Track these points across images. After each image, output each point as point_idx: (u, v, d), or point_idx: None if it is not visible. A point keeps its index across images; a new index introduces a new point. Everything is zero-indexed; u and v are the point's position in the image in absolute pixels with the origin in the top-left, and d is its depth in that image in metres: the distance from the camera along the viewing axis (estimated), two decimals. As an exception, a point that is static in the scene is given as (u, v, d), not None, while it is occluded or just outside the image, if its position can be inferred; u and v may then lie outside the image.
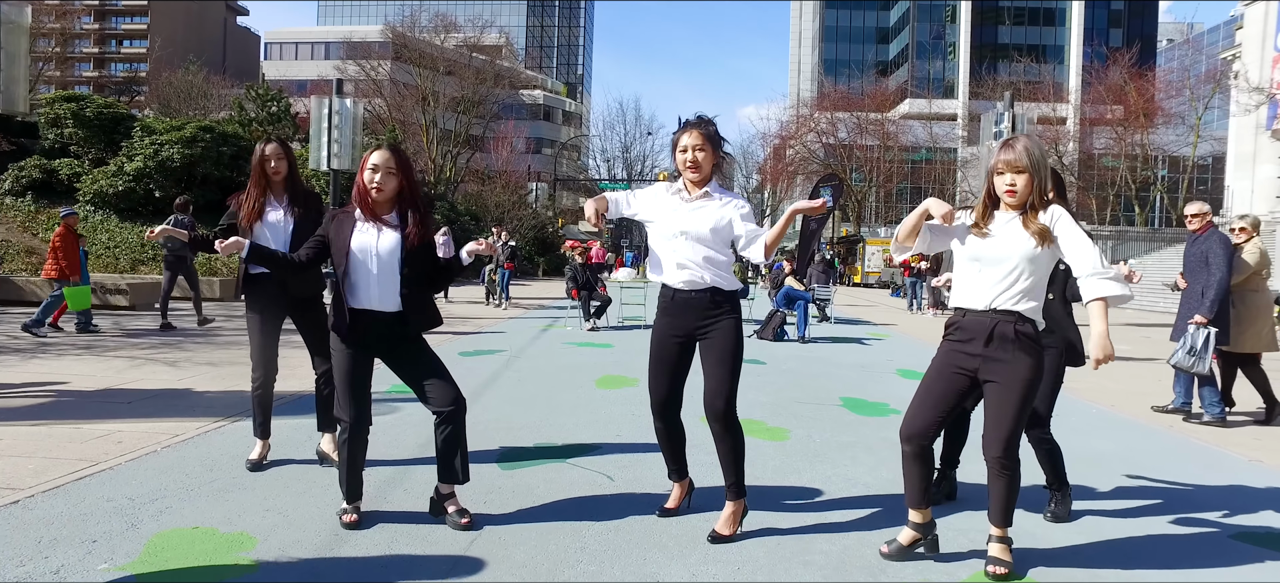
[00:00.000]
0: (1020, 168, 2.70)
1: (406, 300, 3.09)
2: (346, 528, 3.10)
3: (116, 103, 26.88)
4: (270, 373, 3.92)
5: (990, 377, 2.76)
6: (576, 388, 6.57)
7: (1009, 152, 2.74)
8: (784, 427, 5.15)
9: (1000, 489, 2.82)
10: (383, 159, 3.11)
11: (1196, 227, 6.19)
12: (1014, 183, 2.70)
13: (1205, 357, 5.77)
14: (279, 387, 4.05)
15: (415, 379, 3.17)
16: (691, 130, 3.09)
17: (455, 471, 3.16)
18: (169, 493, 3.46)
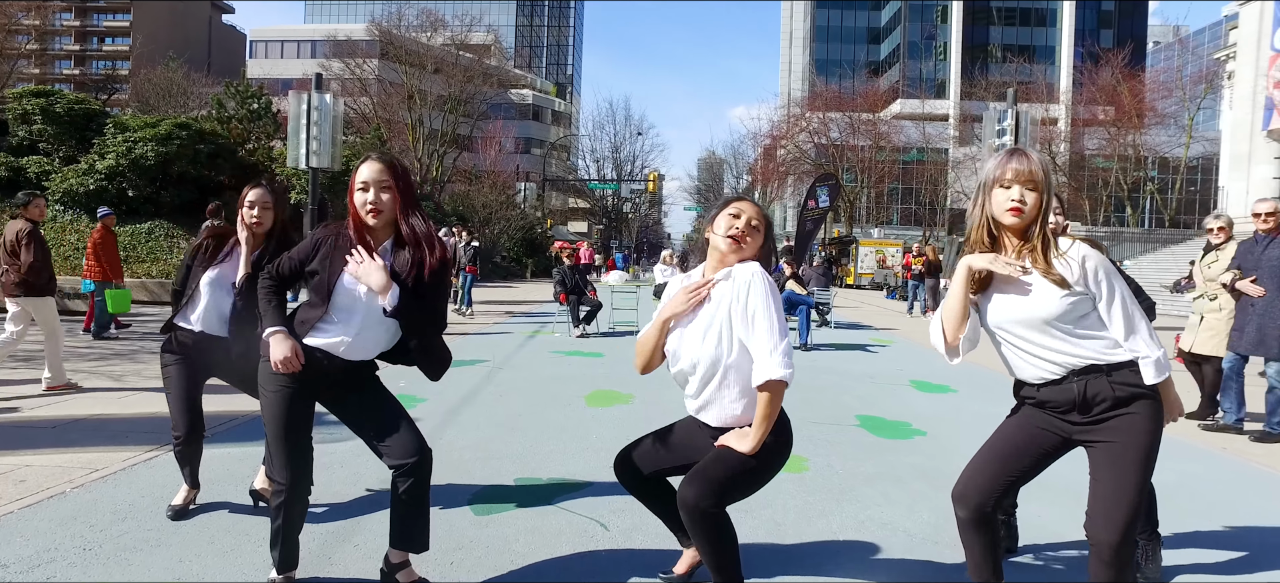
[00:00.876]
0: (1034, 183, 2.12)
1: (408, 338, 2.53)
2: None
3: (88, 99, 26.00)
4: (197, 428, 3.26)
5: (1097, 438, 2.15)
6: (564, 406, 5.94)
7: (1022, 162, 2.16)
8: (802, 455, 4.53)
9: (1098, 575, 2.13)
10: (374, 173, 2.42)
11: (1271, 227, 5.56)
12: (1023, 199, 2.12)
13: None
14: (240, 405, 3.41)
15: (371, 429, 2.51)
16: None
17: (413, 537, 2.51)
18: (62, 553, 2.81)
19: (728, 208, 2.42)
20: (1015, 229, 2.17)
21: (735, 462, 2.27)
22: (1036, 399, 2.20)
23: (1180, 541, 3.36)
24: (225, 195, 22.32)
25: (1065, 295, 2.08)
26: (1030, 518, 3.39)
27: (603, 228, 59.78)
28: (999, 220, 2.17)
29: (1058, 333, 2.11)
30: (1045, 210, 2.15)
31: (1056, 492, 3.91)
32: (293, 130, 18.72)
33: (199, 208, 21.71)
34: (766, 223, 2.45)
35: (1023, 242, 2.16)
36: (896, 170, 51.07)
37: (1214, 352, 5.93)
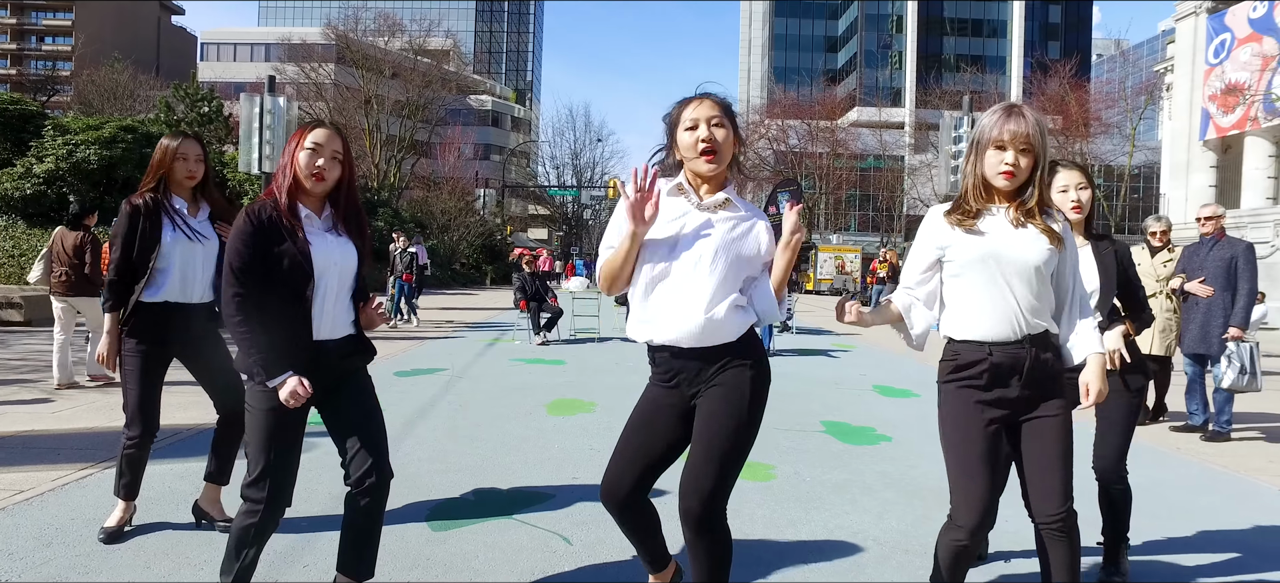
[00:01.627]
0: (1030, 145, 2.04)
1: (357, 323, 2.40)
2: None
3: (25, 99, 24.99)
4: (151, 429, 3.05)
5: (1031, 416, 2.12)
6: (525, 416, 5.79)
7: (1018, 122, 2.04)
8: (768, 462, 4.47)
9: (1064, 557, 2.10)
10: (327, 139, 2.30)
11: (1212, 230, 5.74)
12: (1017, 162, 2.04)
13: (1258, 372, 5.34)
14: (179, 418, 3.20)
15: (352, 435, 2.33)
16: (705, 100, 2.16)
17: (367, 562, 2.37)
18: (-22, 583, 2.60)
19: (683, 118, 2.12)
20: (1006, 192, 2.10)
21: (729, 428, 2.03)
22: (980, 369, 2.08)
23: (1145, 547, 3.37)
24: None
25: (1052, 250, 2.06)
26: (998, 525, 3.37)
27: (563, 235, 59.52)
28: (991, 182, 2.09)
29: (1036, 286, 2.06)
30: (1041, 171, 2.08)
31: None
32: (245, 134, 18.22)
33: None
34: (729, 112, 2.16)
35: (1015, 201, 2.09)
36: (854, 177, 51.82)
37: (1166, 351, 6.04)
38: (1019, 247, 2.06)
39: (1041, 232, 2.06)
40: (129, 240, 2.94)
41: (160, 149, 3.08)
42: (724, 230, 2.08)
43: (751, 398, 2.06)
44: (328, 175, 2.28)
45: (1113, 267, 2.81)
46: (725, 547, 2.08)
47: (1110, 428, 2.85)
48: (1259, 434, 5.95)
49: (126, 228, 2.94)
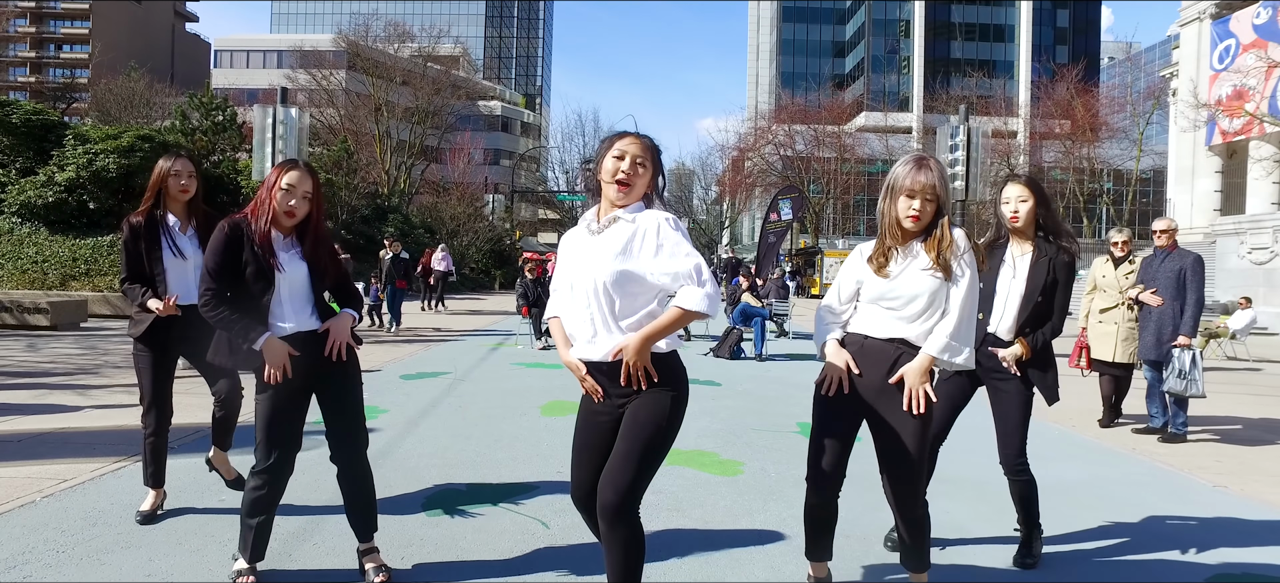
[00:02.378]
0: (934, 195, 2.47)
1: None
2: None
3: (47, 109, 25.65)
4: (166, 417, 3.52)
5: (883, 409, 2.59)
6: (520, 416, 6.21)
7: (925, 174, 2.48)
8: (738, 459, 4.86)
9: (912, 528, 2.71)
10: (298, 180, 2.74)
11: (1165, 243, 6.09)
12: (923, 209, 2.48)
13: (1197, 378, 5.69)
14: (201, 417, 3.63)
15: (337, 421, 2.82)
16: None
17: (368, 523, 2.93)
18: (37, 555, 3.02)
19: (611, 149, 2.31)
20: (913, 232, 2.53)
21: (646, 433, 2.23)
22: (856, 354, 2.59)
23: (1084, 535, 3.74)
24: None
25: (939, 282, 2.50)
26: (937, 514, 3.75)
27: (572, 239, 59.90)
28: (901, 223, 2.53)
29: (913, 313, 2.55)
30: (941, 212, 2.50)
31: (962, 485, 4.29)
32: (258, 143, 18.71)
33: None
34: (655, 154, 2.35)
35: (925, 240, 2.54)
36: (862, 181, 52.08)
37: (1130, 359, 6.39)
38: (902, 287, 2.54)
39: (936, 266, 2.48)
40: (133, 253, 3.41)
41: (156, 169, 3.52)
42: (610, 255, 2.23)
43: (670, 410, 2.27)
44: (298, 213, 2.74)
45: (1041, 277, 3.19)
46: (636, 540, 2.25)
47: (1007, 426, 3.22)
48: (1215, 437, 6.28)
49: (128, 243, 3.40)
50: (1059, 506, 4.08)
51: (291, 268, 2.75)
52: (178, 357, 3.57)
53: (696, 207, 74.74)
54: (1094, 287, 6.64)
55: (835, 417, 2.61)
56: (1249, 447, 5.96)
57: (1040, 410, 7.20)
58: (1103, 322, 6.46)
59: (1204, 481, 4.84)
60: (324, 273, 2.83)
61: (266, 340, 2.62)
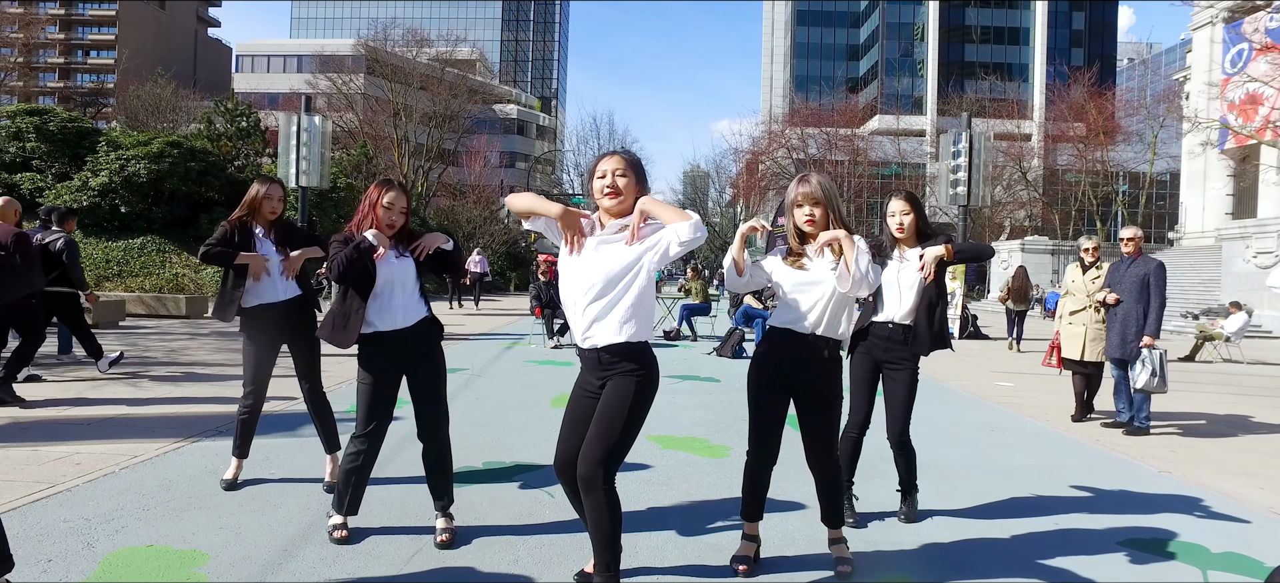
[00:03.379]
0: (817, 200, 3.03)
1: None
2: (337, 543, 3.33)
3: (81, 117, 26.59)
4: (261, 398, 4.11)
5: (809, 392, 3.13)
6: (532, 407, 6.78)
7: (807, 185, 3.06)
8: (726, 445, 5.39)
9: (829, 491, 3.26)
10: (395, 198, 3.38)
11: (1131, 250, 6.56)
12: (813, 213, 3.03)
13: (1166, 376, 6.16)
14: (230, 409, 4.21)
15: (418, 402, 3.42)
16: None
17: (444, 492, 3.54)
18: (125, 513, 3.62)
19: (594, 174, 2.76)
20: (813, 235, 3.06)
21: (612, 413, 2.62)
22: (783, 344, 3.10)
23: (1022, 510, 4.24)
24: (215, 211, 23.00)
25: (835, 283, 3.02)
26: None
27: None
28: (801, 229, 3.08)
29: (838, 303, 3.07)
30: (834, 216, 3.02)
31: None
32: (283, 150, 19.47)
33: (189, 223, 22.47)
34: (632, 165, 2.74)
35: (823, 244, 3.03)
36: (875, 184, 52.38)
37: (1098, 358, 6.86)
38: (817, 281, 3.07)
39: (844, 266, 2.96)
40: (225, 239, 3.97)
41: (253, 190, 4.12)
42: (606, 255, 2.65)
43: (635, 393, 2.64)
44: (397, 225, 3.36)
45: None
46: (612, 506, 2.61)
47: (895, 406, 3.75)
48: (1179, 431, 6.73)
49: (226, 236, 3.99)
50: (1014, 488, 4.59)
51: (401, 268, 3.34)
52: (280, 346, 4.15)
53: (711, 209, 75.27)
54: (1065, 291, 7.11)
55: (769, 402, 3.14)
56: (1206, 439, 6.41)
57: (1017, 404, 7.68)
58: (1072, 323, 6.93)
59: (1151, 467, 5.31)
60: (423, 270, 3.46)
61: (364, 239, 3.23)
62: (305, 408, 4.26)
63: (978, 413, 7.27)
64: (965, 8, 68.88)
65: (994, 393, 8.49)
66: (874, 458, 4.59)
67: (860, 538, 3.63)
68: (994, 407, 7.66)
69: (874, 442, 4.01)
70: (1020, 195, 47.96)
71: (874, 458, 4.59)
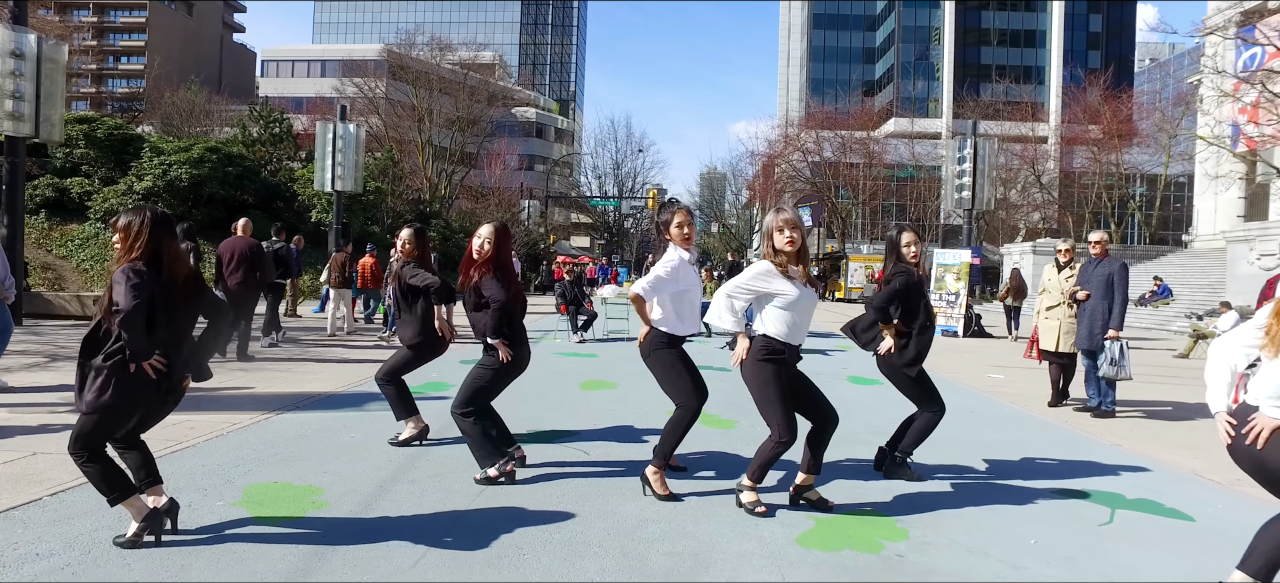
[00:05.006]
0: (797, 227, 3.87)
1: None
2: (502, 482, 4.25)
3: (125, 124, 27.84)
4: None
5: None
6: (564, 390, 7.64)
7: (788, 214, 3.91)
8: (732, 419, 6.22)
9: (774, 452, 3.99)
10: (489, 233, 4.36)
11: (1098, 252, 7.32)
12: (793, 236, 3.83)
13: (1125, 364, 6.92)
14: (300, 388, 5.10)
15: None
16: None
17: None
18: (246, 461, 4.51)
19: (674, 220, 4.24)
20: (792, 257, 3.86)
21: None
22: (789, 357, 3.89)
23: (987, 468, 5.04)
24: (250, 214, 24.11)
25: (815, 294, 3.89)
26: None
27: (604, 242, 61.57)
28: (782, 251, 3.84)
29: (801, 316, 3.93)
30: (803, 244, 3.88)
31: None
32: (319, 155, 20.51)
33: (225, 226, 23.52)
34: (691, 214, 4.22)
35: (797, 263, 3.88)
36: (889, 188, 52.88)
37: (1071, 349, 7.61)
38: (808, 293, 3.90)
39: (809, 284, 3.88)
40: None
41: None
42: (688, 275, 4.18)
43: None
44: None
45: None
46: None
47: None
48: (1143, 415, 7.47)
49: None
50: (974, 456, 5.39)
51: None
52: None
53: (727, 211, 75.97)
54: (1043, 289, 7.87)
55: (784, 392, 3.90)
56: (1166, 421, 7.15)
57: (1001, 392, 8.44)
58: (1048, 318, 7.69)
59: (1106, 442, 6.09)
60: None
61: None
62: (373, 386, 5.17)
63: (962, 398, 8.04)
64: (981, 11, 69.12)
65: (983, 383, 9.26)
66: (863, 432, 5.39)
67: (848, 488, 4.44)
68: (980, 394, 8.43)
69: (861, 420, 4.81)
70: (1034, 198, 48.27)
71: (863, 432, 5.39)
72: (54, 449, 4.60)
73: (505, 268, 4.29)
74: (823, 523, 3.84)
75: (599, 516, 3.80)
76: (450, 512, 3.79)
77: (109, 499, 3.13)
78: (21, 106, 11.72)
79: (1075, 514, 4.10)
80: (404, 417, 5.09)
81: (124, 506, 3.16)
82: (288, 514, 3.65)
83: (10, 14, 12.25)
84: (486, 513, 3.79)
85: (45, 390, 6.66)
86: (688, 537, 3.55)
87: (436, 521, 3.66)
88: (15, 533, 3.29)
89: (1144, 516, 4.12)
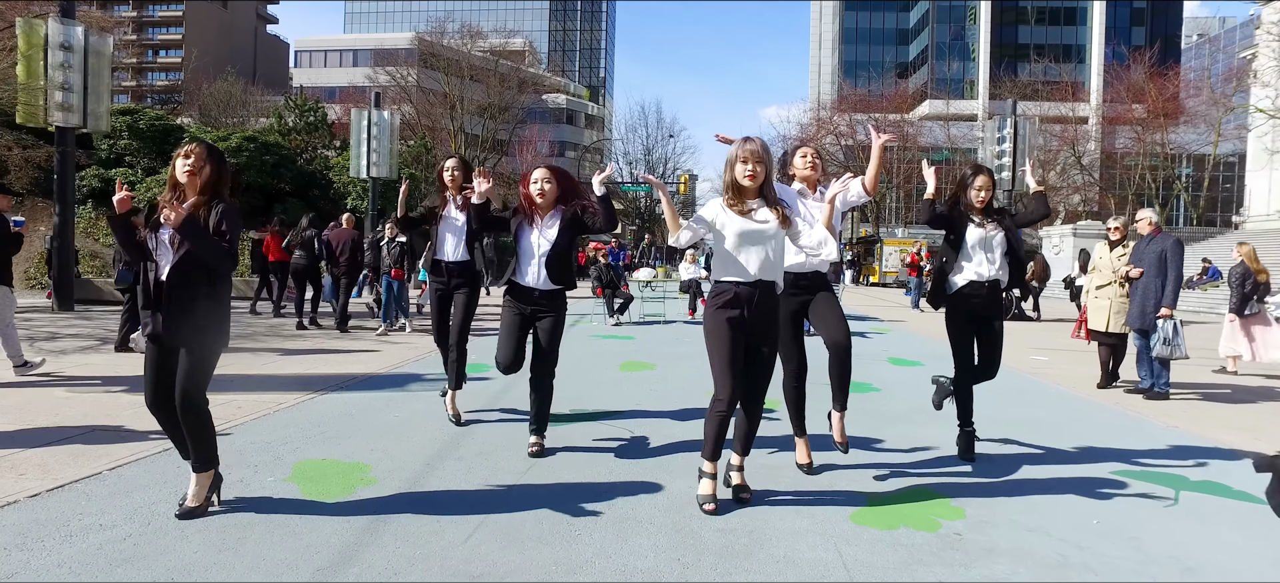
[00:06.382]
0: (759, 157, 3.43)
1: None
2: (532, 457, 4.31)
3: (166, 115, 28.43)
4: (445, 342, 5.29)
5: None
6: (603, 371, 7.62)
7: (751, 144, 3.45)
8: (774, 400, 6.14)
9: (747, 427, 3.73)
10: (544, 174, 4.39)
11: (1147, 230, 7.11)
12: (755, 169, 3.41)
13: (1180, 343, 6.72)
14: (347, 369, 5.13)
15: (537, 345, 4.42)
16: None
17: (540, 421, 4.50)
18: (295, 439, 4.56)
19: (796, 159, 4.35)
20: (751, 191, 3.47)
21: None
22: (747, 299, 3.48)
23: (1035, 446, 4.92)
24: (286, 202, 24.49)
25: (779, 228, 3.49)
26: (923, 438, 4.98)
27: (635, 228, 61.50)
28: (741, 184, 3.45)
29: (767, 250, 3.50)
30: (768, 175, 3.47)
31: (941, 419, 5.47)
32: (354, 142, 20.72)
33: (263, 213, 23.96)
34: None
35: (760, 197, 3.50)
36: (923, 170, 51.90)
37: (1121, 329, 7.40)
38: (755, 226, 3.46)
39: (775, 216, 3.48)
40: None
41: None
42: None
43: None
44: (546, 196, 4.36)
45: None
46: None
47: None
48: (1196, 396, 7.24)
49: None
50: (1021, 433, 5.26)
51: (543, 237, 4.32)
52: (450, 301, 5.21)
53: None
54: (1093, 268, 7.66)
55: (733, 350, 3.47)
56: (1224, 403, 6.93)
57: (1046, 375, 8.24)
58: (1098, 297, 7.48)
59: (1160, 423, 5.90)
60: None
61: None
62: (414, 367, 5.19)
63: (1006, 379, 7.84)
64: (1018, -12, 67.46)
65: (1027, 365, 9.06)
66: (906, 411, 5.28)
67: (896, 468, 4.36)
68: (1024, 375, 8.25)
69: (904, 399, 4.71)
70: (1074, 180, 47.11)
71: (906, 411, 5.28)
72: (113, 424, 4.70)
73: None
74: (877, 501, 3.77)
75: (648, 493, 3.77)
76: (499, 488, 3.79)
77: (202, 463, 3.24)
78: (71, 98, 12.00)
79: (1138, 494, 3.97)
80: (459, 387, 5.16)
81: (198, 475, 3.23)
82: (338, 490, 3.67)
83: (60, 8, 12.51)
84: (535, 489, 3.78)
85: (96, 378, 6.80)
86: (740, 514, 3.51)
87: (486, 496, 3.65)
88: (79, 505, 3.35)
89: (1210, 498, 3.97)
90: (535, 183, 4.34)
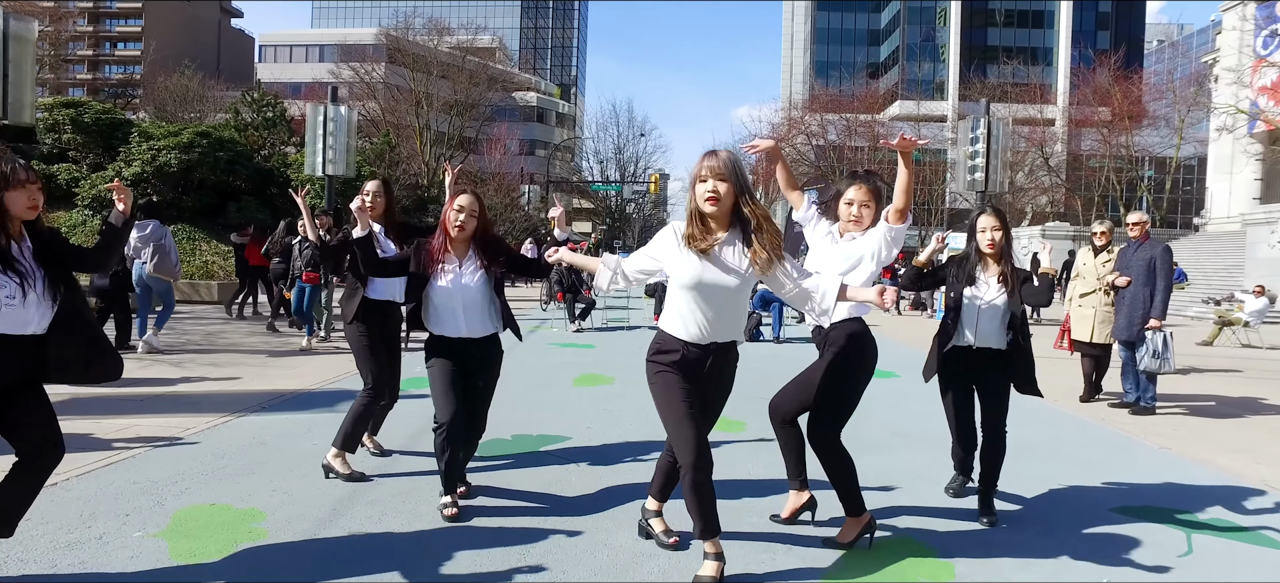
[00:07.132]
0: (723, 174, 2.63)
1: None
2: (448, 521, 3.45)
3: (114, 108, 27.24)
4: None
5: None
6: (557, 387, 7.07)
7: (712, 159, 2.66)
8: (741, 420, 5.65)
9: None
10: (468, 202, 3.57)
11: (1137, 234, 6.71)
12: (716, 189, 2.63)
13: (1169, 357, 6.32)
14: (279, 386, 4.53)
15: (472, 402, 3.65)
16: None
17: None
18: (187, 476, 3.95)
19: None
20: (715, 216, 2.67)
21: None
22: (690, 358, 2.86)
23: (1029, 475, 4.46)
24: (241, 200, 23.51)
25: (749, 270, 2.72)
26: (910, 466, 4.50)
27: (606, 228, 60.91)
28: (702, 210, 2.66)
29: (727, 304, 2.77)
30: (740, 196, 2.66)
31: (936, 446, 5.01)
32: (310, 140, 19.84)
33: (218, 212, 22.99)
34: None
35: (729, 227, 2.69)
36: (893, 171, 51.93)
37: (1106, 339, 7.02)
38: (718, 276, 2.68)
39: (750, 256, 2.67)
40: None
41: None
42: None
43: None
44: (467, 227, 3.55)
45: None
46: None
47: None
48: (1185, 411, 6.89)
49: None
50: (1017, 464, 4.79)
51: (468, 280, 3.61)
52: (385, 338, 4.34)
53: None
54: (1076, 274, 7.27)
55: (688, 405, 2.85)
56: (1212, 419, 6.57)
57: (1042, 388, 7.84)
58: (1082, 306, 7.09)
59: (1152, 444, 5.50)
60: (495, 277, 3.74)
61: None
62: (349, 382, 4.57)
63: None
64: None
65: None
66: (884, 436, 4.81)
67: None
68: (1005, 388, 7.84)
69: (879, 420, 4.23)
70: (1042, 181, 47.50)
71: (884, 436, 4.81)
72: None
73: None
74: (850, 556, 3.27)
75: (588, 550, 3.23)
76: (412, 535, 3.23)
77: None
78: (-12, 87, 11.12)
79: (1147, 541, 3.51)
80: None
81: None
82: (215, 548, 3.08)
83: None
84: (457, 537, 3.23)
85: None
86: (689, 571, 2.99)
87: (396, 550, 3.09)
88: None
89: (1224, 541, 3.54)
90: (459, 210, 3.51)
